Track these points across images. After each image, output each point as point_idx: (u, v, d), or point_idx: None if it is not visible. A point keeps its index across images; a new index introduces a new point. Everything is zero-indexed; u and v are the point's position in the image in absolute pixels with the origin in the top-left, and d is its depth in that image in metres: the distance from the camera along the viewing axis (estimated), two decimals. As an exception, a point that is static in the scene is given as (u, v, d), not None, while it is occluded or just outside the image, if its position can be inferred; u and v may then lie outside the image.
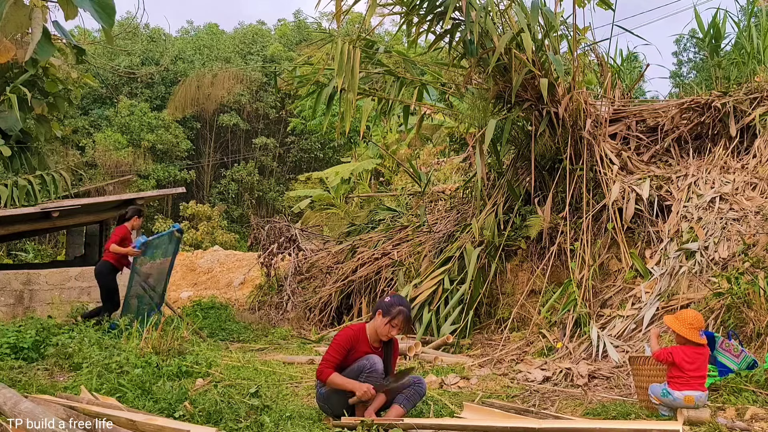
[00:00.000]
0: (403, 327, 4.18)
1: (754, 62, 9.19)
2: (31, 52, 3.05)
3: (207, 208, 24.65)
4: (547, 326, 6.91)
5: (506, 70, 7.72)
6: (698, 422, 4.04)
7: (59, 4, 2.92)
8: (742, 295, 5.43)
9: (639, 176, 7.72)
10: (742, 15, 12.23)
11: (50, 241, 22.84)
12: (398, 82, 8.32)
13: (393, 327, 4.13)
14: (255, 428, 3.86)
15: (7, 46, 3.40)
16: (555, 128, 7.83)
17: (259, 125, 31.67)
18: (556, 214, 7.77)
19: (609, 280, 7.19)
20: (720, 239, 6.46)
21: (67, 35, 3.89)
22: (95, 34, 28.02)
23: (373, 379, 4.05)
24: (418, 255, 8.96)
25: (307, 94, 8.81)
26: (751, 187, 7.16)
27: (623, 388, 5.21)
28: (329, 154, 30.61)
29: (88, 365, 5.18)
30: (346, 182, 17.53)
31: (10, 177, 8.92)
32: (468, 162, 11.60)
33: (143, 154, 27.63)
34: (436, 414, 4.44)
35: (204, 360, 5.62)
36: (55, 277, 8.08)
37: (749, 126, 7.78)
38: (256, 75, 30.37)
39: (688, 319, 4.17)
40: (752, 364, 4.66)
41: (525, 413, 4.17)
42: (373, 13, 7.20)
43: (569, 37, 8.22)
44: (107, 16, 2.91)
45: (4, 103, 8.94)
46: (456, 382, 5.60)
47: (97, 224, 10.75)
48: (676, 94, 14.05)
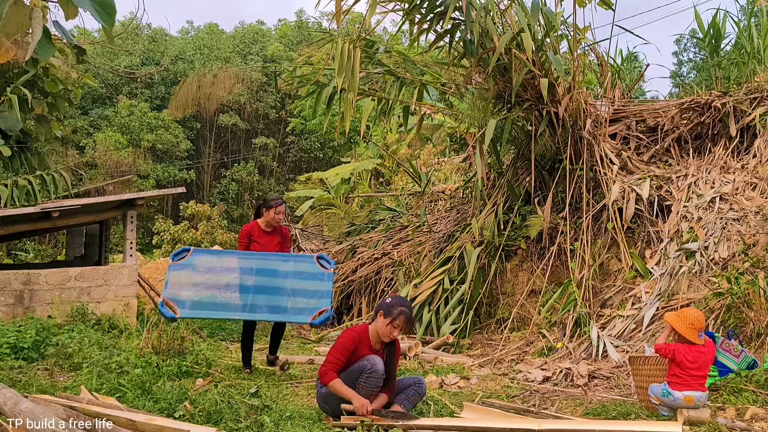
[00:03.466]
0: (405, 327, 4.19)
1: (754, 62, 9.19)
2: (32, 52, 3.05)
3: (207, 208, 24.61)
4: (547, 326, 6.91)
5: (506, 70, 7.72)
6: (698, 422, 4.04)
7: (59, 3, 2.91)
8: (742, 295, 5.43)
9: (639, 176, 7.72)
10: (742, 15, 12.24)
11: (50, 241, 22.81)
12: (398, 82, 8.32)
13: (395, 328, 4.14)
14: (255, 428, 3.86)
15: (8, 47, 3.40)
16: (555, 128, 7.83)
17: (259, 125, 31.67)
18: (556, 214, 7.77)
19: (609, 280, 7.19)
20: (720, 239, 6.46)
21: (67, 35, 3.89)
22: (95, 34, 28.07)
23: (373, 380, 4.06)
24: (418, 255, 8.97)
25: (307, 94, 8.81)
26: (751, 187, 7.16)
27: (623, 388, 5.20)
28: (329, 154, 30.61)
29: (88, 365, 5.18)
30: (346, 182, 17.53)
31: (10, 177, 8.91)
32: (468, 162, 11.61)
33: (143, 154, 27.62)
34: (436, 414, 4.44)
35: (204, 360, 5.63)
36: (55, 277, 8.07)
37: (749, 126, 7.78)
38: (256, 75, 30.37)
39: (690, 319, 4.17)
40: (752, 364, 4.66)
41: (525, 413, 4.17)
42: (373, 12, 7.20)
43: (569, 37, 8.23)
44: (107, 15, 2.90)
45: (4, 103, 8.94)
46: (456, 382, 5.60)
47: (97, 224, 10.73)
48: (676, 94, 14.05)
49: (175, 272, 5.78)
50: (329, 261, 5.99)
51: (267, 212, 5.99)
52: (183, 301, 5.60)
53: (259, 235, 6.05)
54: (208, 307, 5.66)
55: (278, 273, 5.84)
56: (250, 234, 6.07)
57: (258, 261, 5.87)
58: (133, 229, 8.88)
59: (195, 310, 5.64)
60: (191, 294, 5.68)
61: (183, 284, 5.71)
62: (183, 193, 11.11)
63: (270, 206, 5.99)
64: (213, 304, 5.68)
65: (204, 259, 5.93)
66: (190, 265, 5.84)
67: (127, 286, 8.49)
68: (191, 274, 5.79)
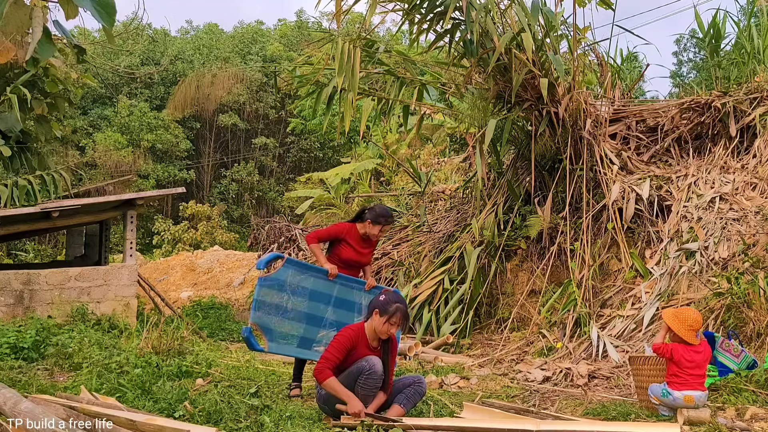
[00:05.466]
0: (402, 323, 4.19)
1: (754, 62, 9.19)
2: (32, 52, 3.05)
3: (207, 208, 24.63)
4: (547, 326, 6.91)
5: (506, 70, 7.72)
6: (698, 422, 4.04)
7: (59, 3, 2.91)
8: (742, 295, 5.43)
9: (639, 176, 7.72)
10: (742, 15, 12.25)
11: (50, 241, 22.81)
12: (398, 82, 8.32)
13: (392, 325, 4.15)
14: (255, 428, 3.86)
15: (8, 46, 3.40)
16: (555, 128, 7.83)
17: (259, 125, 31.67)
18: (556, 214, 7.77)
19: (609, 280, 7.19)
20: (720, 239, 6.46)
21: (67, 35, 3.89)
22: (95, 34, 28.06)
23: (372, 381, 4.06)
24: (418, 255, 8.97)
25: (307, 94, 8.81)
26: (751, 187, 7.16)
27: (623, 388, 5.21)
28: (329, 154, 30.61)
29: (88, 365, 5.18)
30: (346, 182, 17.53)
31: (10, 177, 8.91)
32: (468, 162, 11.60)
33: (143, 154, 27.62)
34: (436, 414, 4.44)
35: (204, 360, 5.62)
36: (55, 277, 8.07)
37: (749, 126, 7.78)
38: (256, 75, 30.37)
39: (688, 320, 4.17)
40: (752, 364, 4.66)
41: (525, 413, 4.17)
42: (373, 12, 7.20)
43: (569, 37, 8.22)
44: (108, 15, 2.91)
45: (4, 103, 8.93)
46: (456, 382, 5.60)
47: (97, 224, 10.74)
48: (676, 94, 14.05)
49: (266, 289, 4.72)
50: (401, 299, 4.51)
51: (372, 227, 5.10)
52: (272, 331, 4.68)
53: (357, 241, 5.21)
54: (293, 342, 4.79)
55: (354, 306, 5.06)
56: (345, 233, 5.22)
57: (340, 288, 5.02)
58: (133, 229, 8.89)
59: (282, 345, 4.76)
60: (278, 322, 4.73)
61: (272, 305, 4.74)
62: (183, 193, 11.12)
63: (378, 222, 5.11)
64: (298, 338, 4.81)
65: (295, 275, 4.87)
66: (281, 281, 4.79)
67: (127, 286, 8.49)
68: (279, 294, 4.79)
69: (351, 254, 5.19)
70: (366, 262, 5.34)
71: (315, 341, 4.86)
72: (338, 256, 5.23)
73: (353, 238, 5.21)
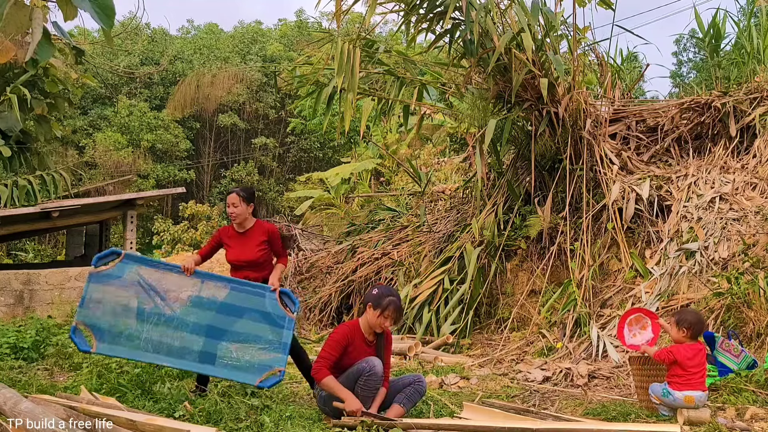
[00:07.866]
0: (395, 316, 4.20)
1: (754, 62, 9.19)
2: (32, 52, 3.05)
3: (207, 208, 24.62)
4: (547, 326, 6.91)
5: (506, 70, 7.72)
6: (698, 422, 4.04)
7: (59, 4, 2.92)
8: (742, 295, 5.43)
9: (639, 176, 7.72)
10: (742, 15, 12.24)
11: (50, 241, 22.82)
12: (398, 82, 8.32)
13: (386, 318, 4.17)
14: (255, 428, 3.86)
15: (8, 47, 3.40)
16: (555, 128, 7.83)
17: (258, 125, 31.67)
18: (556, 214, 7.77)
19: (609, 280, 7.19)
20: (720, 239, 6.46)
21: (66, 36, 3.89)
22: (95, 34, 28.06)
23: (372, 382, 4.07)
24: (418, 255, 8.96)
25: (306, 94, 8.81)
26: (751, 187, 7.16)
27: (623, 388, 5.21)
28: (329, 154, 30.60)
29: (88, 365, 5.19)
30: (346, 182, 17.54)
31: (10, 177, 8.91)
32: (468, 162, 11.60)
33: (143, 154, 27.61)
34: (436, 414, 4.44)
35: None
36: (55, 277, 8.07)
37: (749, 126, 7.78)
38: (256, 75, 30.36)
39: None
40: (752, 364, 4.66)
41: (525, 413, 4.17)
42: (373, 12, 7.21)
43: (569, 37, 8.22)
44: (107, 17, 2.91)
45: (4, 103, 8.93)
46: (456, 382, 5.60)
47: (97, 224, 10.74)
48: (676, 94, 14.07)
49: (96, 285, 4.36)
50: (294, 300, 4.55)
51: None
52: (102, 330, 4.27)
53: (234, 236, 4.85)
54: (128, 344, 4.30)
55: (231, 309, 4.53)
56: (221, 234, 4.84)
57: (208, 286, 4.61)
58: (133, 229, 8.90)
59: (114, 346, 4.28)
60: (111, 321, 4.31)
61: (105, 303, 4.33)
62: (183, 193, 11.12)
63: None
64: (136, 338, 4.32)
65: (137, 271, 4.47)
66: (116, 277, 4.38)
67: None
68: (116, 291, 4.39)
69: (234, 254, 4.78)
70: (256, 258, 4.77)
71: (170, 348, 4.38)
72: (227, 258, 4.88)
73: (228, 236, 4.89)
